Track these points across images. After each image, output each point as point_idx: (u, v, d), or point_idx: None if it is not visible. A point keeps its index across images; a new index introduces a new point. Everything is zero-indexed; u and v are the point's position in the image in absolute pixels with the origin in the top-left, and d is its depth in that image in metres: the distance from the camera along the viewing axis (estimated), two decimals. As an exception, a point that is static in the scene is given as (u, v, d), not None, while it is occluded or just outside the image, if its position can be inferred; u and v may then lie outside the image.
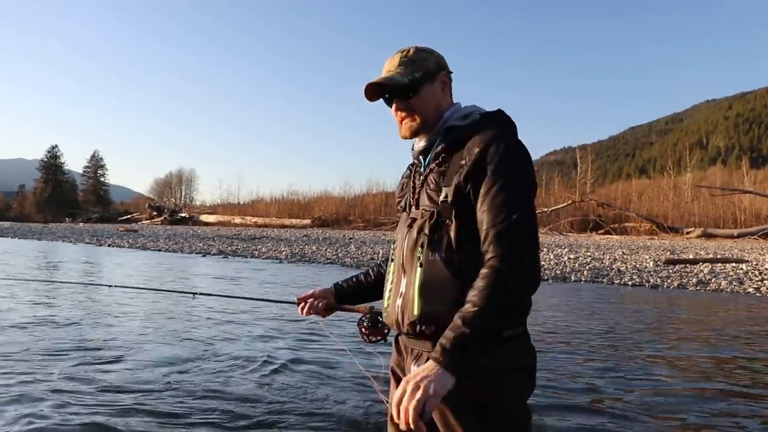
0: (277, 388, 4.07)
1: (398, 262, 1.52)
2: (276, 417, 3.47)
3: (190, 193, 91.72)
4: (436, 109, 1.52)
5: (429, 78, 1.51)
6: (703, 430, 3.43)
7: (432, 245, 1.41)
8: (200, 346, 5.32)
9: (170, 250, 20.61)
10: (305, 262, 16.34)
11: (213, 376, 4.29)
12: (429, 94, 1.51)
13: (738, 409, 3.79)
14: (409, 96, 1.50)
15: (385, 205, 52.30)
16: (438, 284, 1.39)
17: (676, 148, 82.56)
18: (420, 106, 1.51)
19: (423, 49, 1.54)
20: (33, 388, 3.83)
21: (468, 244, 1.37)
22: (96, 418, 3.31)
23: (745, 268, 13.82)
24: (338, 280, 1.88)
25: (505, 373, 1.39)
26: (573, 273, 13.12)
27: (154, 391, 3.86)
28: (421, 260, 1.42)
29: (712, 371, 4.84)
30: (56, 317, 6.58)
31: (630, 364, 4.94)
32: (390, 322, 1.54)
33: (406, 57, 1.52)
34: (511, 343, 1.41)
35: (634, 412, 3.68)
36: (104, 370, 4.38)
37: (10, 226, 46.53)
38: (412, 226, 1.48)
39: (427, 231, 1.43)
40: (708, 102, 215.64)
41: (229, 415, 3.47)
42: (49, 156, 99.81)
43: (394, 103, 1.52)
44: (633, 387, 4.23)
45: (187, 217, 58.81)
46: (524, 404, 1.42)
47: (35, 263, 14.70)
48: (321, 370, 4.55)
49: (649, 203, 47.00)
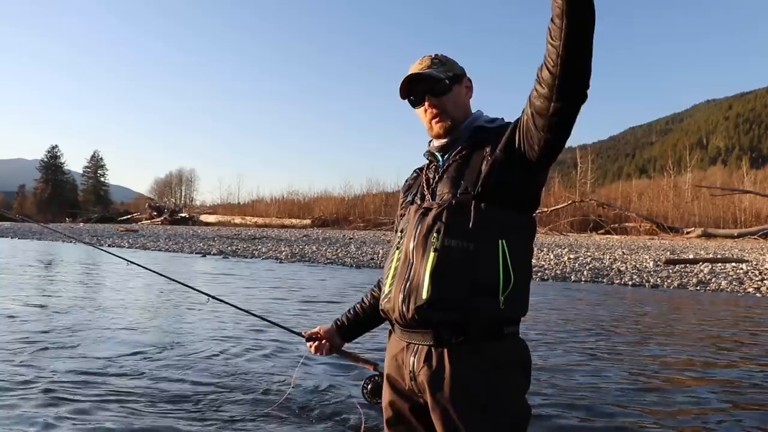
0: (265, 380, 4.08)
1: (405, 249, 1.50)
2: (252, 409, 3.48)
3: (190, 193, 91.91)
4: (464, 111, 1.59)
5: (459, 80, 1.58)
6: (703, 429, 3.44)
7: (449, 232, 1.41)
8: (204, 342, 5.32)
9: (170, 250, 20.61)
10: (305, 262, 16.34)
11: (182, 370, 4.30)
12: (459, 94, 1.58)
13: (738, 410, 3.80)
14: (443, 93, 1.55)
15: (385, 205, 52.31)
16: (452, 269, 1.38)
17: (676, 148, 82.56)
18: (451, 105, 1.56)
19: (447, 57, 1.62)
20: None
21: (485, 234, 1.40)
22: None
23: (745, 268, 13.82)
24: (338, 317, 1.90)
25: (506, 368, 1.41)
26: (573, 273, 13.12)
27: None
28: (436, 245, 1.41)
29: (712, 371, 4.84)
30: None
31: (630, 364, 4.95)
32: (389, 308, 1.51)
33: (437, 59, 1.58)
34: (510, 339, 1.44)
35: (634, 411, 3.69)
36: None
37: (10, 226, 46.50)
38: (427, 215, 1.47)
39: (444, 218, 1.43)
40: (708, 102, 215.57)
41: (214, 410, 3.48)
42: (49, 156, 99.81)
43: (426, 100, 1.56)
44: (633, 387, 4.23)
45: (187, 217, 58.81)
46: (524, 399, 1.44)
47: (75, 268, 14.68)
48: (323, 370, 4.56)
49: (649, 203, 47.00)
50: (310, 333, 1.90)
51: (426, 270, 1.40)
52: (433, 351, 1.42)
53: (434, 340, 1.41)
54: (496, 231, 1.40)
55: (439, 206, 1.46)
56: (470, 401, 1.37)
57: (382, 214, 49.82)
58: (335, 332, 1.87)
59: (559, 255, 17.56)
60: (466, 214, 1.41)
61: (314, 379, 4.22)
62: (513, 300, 1.39)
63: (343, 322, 1.86)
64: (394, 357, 1.54)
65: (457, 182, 1.48)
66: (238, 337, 5.76)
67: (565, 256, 16.92)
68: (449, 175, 1.51)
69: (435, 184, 1.54)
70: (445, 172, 1.53)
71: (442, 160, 1.58)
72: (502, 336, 1.41)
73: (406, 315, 1.43)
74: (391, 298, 1.49)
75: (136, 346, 5.19)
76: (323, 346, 1.87)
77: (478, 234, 1.39)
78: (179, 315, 7.10)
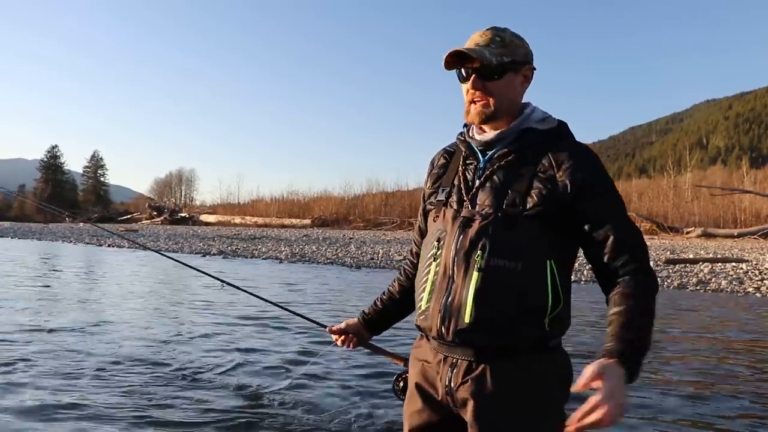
0: (275, 392, 4.08)
1: (444, 263, 1.37)
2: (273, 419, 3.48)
3: (190, 193, 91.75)
4: (511, 102, 1.42)
5: (516, 67, 1.40)
6: (703, 429, 3.44)
7: (495, 250, 1.31)
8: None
9: (170, 250, 20.60)
10: (305, 262, 16.34)
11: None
12: (510, 83, 1.40)
13: (737, 409, 3.80)
14: (492, 77, 1.38)
15: (385, 205, 52.29)
16: (497, 292, 1.30)
17: (676, 148, 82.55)
18: (498, 93, 1.39)
19: (517, 35, 1.43)
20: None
21: (533, 253, 1.32)
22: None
23: (745, 267, 13.82)
24: (365, 309, 1.79)
25: (548, 381, 1.37)
26: (573, 273, 13.08)
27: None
28: (480, 264, 1.31)
29: (712, 370, 4.84)
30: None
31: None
32: (426, 326, 1.40)
33: (500, 37, 1.39)
34: (554, 352, 1.39)
35: (633, 411, 3.69)
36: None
37: (10, 226, 46.50)
38: (469, 227, 1.35)
39: (490, 234, 1.33)
40: (708, 102, 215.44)
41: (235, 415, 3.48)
42: (49, 156, 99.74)
43: (471, 80, 1.39)
44: (632, 386, 4.23)
45: (187, 217, 58.76)
46: (563, 413, 1.36)
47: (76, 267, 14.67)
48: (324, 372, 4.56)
49: (649, 203, 46.94)
50: (335, 328, 1.80)
51: (469, 291, 1.31)
52: (473, 366, 1.35)
53: (475, 357, 1.35)
54: (545, 250, 1.32)
55: (483, 219, 1.35)
56: (515, 412, 1.34)
57: (382, 214, 49.81)
58: (362, 326, 1.77)
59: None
60: (514, 231, 1.32)
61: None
62: (558, 320, 1.35)
63: (369, 315, 1.76)
64: (426, 364, 1.45)
65: (503, 193, 1.36)
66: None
67: (565, 256, 16.88)
68: (494, 183, 1.38)
69: (476, 190, 1.40)
70: (489, 179, 1.39)
71: (483, 160, 1.43)
72: (547, 350, 1.37)
73: (445, 336, 1.35)
74: (428, 316, 1.39)
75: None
76: (350, 339, 1.78)
77: (526, 253, 1.31)
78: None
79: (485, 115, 1.40)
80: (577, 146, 1.41)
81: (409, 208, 47.72)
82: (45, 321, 6.35)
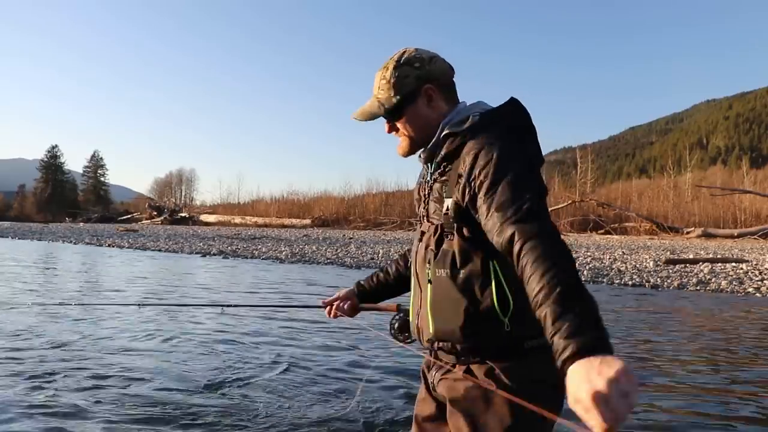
0: (284, 389, 4.08)
1: (413, 274, 1.51)
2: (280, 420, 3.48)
3: (190, 193, 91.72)
4: (425, 125, 1.46)
5: (410, 98, 1.44)
6: (703, 429, 3.44)
7: (438, 261, 1.38)
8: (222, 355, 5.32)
9: (170, 250, 20.59)
10: (305, 262, 16.33)
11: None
12: (413, 114, 1.46)
13: (737, 410, 3.80)
14: (396, 119, 1.48)
15: (385, 205, 52.28)
16: (446, 302, 1.36)
17: (676, 148, 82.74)
18: (409, 126, 1.47)
19: (404, 63, 1.44)
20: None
21: (472, 259, 1.33)
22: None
23: (745, 267, 13.82)
24: (360, 279, 1.87)
25: (528, 386, 1.31)
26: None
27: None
28: (430, 277, 1.40)
29: (711, 371, 4.84)
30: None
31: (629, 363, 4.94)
32: (414, 335, 1.56)
33: (385, 78, 1.45)
34: (532, 354, 1.33)
35: (633, 411, 3.69)
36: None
37: (10, 226, 46.51)
38: (422, 240, 1.46)
39: (432, 246, 1.40)
40: (708, 102, 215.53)
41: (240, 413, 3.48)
42: (49, 156, 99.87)
43: (386, 127, 1.53)
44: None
45: (187, 217, 58.79)
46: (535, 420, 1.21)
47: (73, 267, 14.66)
48: (327, 372, 4.56)
49: (649, 203, 46.93)
50: (327, 300, 1.87)
51: (427, 303, 1.41)
52: (451, 368, 1.42)
53: (447, 360, 1.44)
54: (485, 252, 1.31)
55: (427, 231, 1.43)
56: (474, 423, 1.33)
57: (382, 214, 49.79)
58: (356, 294, 1.85)
59: (559, 255, 17.49)
60: (451, 240, 1.35)
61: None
62: (521, 318, 1.30)
63: (364, 287, 1.85)
64: (427, 357, 1.56)
65: (440, 202, 1.40)
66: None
67: (565, 256, 16.86)
68: (434, 195, 1.43)
69: (427, 204, 1.47)
70: (431, 191, 1.45)
71: (429, 173, 1.48)
72: (523, 352, 1.34)
73: (422, 343, 1.50)
74: (412, 326, 1.54)
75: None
76: (342, 307, 1.84)
77: (466, 259, 1.33)
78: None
79: (404, 149, 1.50)
80: (481, 136, 1.33)
81: (409, 208, 47.66)
82: (39, 324, 6.35)
